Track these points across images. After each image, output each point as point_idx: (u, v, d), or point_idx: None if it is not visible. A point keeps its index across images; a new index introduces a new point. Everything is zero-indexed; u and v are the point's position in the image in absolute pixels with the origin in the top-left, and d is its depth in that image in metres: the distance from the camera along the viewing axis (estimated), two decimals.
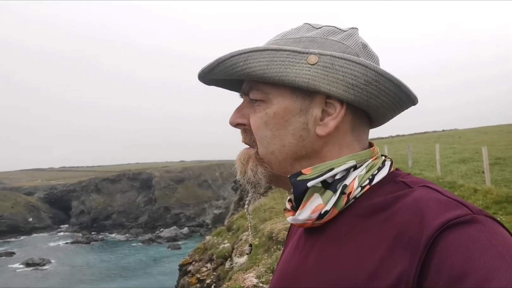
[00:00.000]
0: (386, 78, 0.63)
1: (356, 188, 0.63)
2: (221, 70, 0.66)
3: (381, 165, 0.67)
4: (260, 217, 9.87)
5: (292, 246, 0.78)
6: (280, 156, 0.67)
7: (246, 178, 0.70)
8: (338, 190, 0.63)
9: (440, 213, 0.53)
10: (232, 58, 0.64)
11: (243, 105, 0.72)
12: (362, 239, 0.59)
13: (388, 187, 0.64)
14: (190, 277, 9.89)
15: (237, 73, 0.65)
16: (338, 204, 0.63)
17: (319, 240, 0.66)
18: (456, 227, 0.50)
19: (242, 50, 0.65)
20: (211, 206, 53.47)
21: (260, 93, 0.67)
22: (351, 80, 0.62)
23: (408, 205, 0.57)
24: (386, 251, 0.55)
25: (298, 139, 0.66)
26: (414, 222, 0.54)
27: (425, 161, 14.38)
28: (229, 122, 0.72)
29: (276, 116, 0.66)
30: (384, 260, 0.54)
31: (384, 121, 0.73)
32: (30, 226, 54.44)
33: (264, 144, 0.68)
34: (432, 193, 0.58)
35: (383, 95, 0.64)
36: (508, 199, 6.62)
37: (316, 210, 0.64)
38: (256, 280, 4.76)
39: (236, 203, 23.69)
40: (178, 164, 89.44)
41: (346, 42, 0.67)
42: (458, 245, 0.49)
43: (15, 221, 53.15)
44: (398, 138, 46.01)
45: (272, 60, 0.63)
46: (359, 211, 0.63)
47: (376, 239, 0.57)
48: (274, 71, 0.63)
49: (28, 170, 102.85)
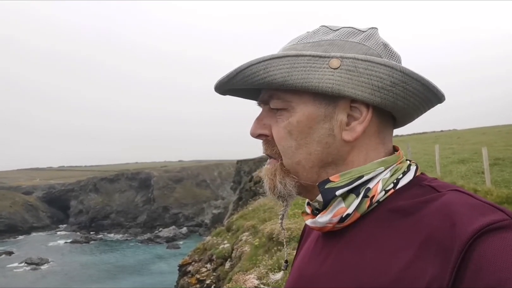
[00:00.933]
0: (413, 79, 0.60)
1: (379, 191, 0.61)
2: (240, 79, 0.63)
3: (406, 169, 0.65)
4: (260, 217, 9.85)
5: (308, 249, 0.76)
6: (306, 165, 0.64)
7: (277, 192, 0.67)
8: (361, 193, 0.61)
9: (474, 218, 0.50)
10: (251, 67, 0.62)
11: (263, 114, 0.69)
12: (386, 243, 0.57)
13: (414, 191, 0.61)
14: (189, 278, 9.88)
15: (257, 82, 0.62)
16: (360, 208, 0.61)
17: (338, 244, 0.64)
18: (493, 233, 0.48)
19: (261, 58, 0.62)
20: (210, 206, 53.45)
21: (282, 102, 0.64)
22: (376, 83, 0.60)
23: (437, 210, 0.54)
24: (413, 256, 0.52)
25: (324, 146, 0.63)
26: (444, 227, 0.51)
27: (424, 161, 14.36)
28: (250, 133, 0.69)
29: (300, 124, 0.63)
30: (411, 266, 0.52)
31: (409, 121, 0.70)
32: (29, 226, 54.33)
33: (289, 154, 0.65)
34: (464, 197, 0.55)
35: (410, 96, 0.62)
36: (509, 199, 6.62)
37: (337, 214, 0.62)
38: (257, 281, 4.75)
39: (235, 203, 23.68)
40: (177, 163, 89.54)
41: (367, 43, 0.64)
42: (496, 252, 0.46)
43: (13, 221, 53.03)
44: (397, 138, 45.97)
45: (293, 67, 0.60)
46: (383, 215, 0.61)
47: (402, 244, 0.55)
48: (296, 78, 0.60)
49: (26, 169, 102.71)
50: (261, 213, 10.39)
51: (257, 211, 11.02)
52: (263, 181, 0.70)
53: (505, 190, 7.36)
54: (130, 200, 57.90)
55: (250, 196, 18.92)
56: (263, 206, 11.21)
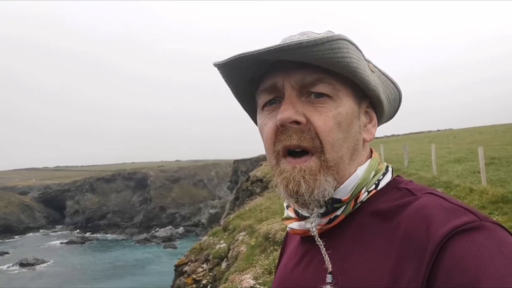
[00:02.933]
0: (400, 99, 0.75)
1: (363, 192, 0.64)
2: (322, 50, 0.56)
3: (385, 170, 0.69)
4: (257, 217, 9.83)
5: (291, 254, 0.75)
6: (346, 160, 0.63)
7: (316, 194, 0.60)
8: None
9: (447, 220, 0.52)
10: (340, 41, 0.57)
11: (294, 100, 0.61)
12: (368, 248, 0.58)
13: (392, 193, 0.64)
14: (186, 278, 9.83)
15: (337, 59, 0.57)
16: (346, 209, 0.64)
17: (320, 249, 0.65)
18: (464, 234, 0.50)
19: (343, 36, 0.58)
20: (207, 206, 53.37)
21: (332, 89, 0.61)
22: (389, 95, 0.72)
23: (414, 213, 0.56)
24: (394, 260, 0.54)
25: (355, 142, 0.65)
26: (420, 230, 0.53)
27: (420, 160, 14.39)
28: (283, 118, 0.60)
29: (348, 117, 0.62)
30: (393, 269, 0.53)
31: None
32: (24, 226, 54.00)
33: (337, 147, 0.61)
34: (438, 200, 0.57)
35: (392, 111, 0.76)
36: (504, 199, 6.63)
37: (327, 216, 0.64)
38: (253, 281, 4.73)
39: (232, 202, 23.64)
40: (174, 163, 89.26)
41: (367, 59, 0.71)
42: (467, 252, 0.48)
43: (8, 221, 52.69)
44: (393, 138, 46.16)
45: (359, 57, 0.62)
46: (365, 218, 0.62)
47: (383, 248, 0.56)
48: (363, 69, 0.62)
49: (22, 169, 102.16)
50: (257, 213, 10.37)
51: (253, 211, 11.00)
52: (285, 183, 0.61)
53: (500, 189, 7.37)
54: (126, 200, 57.68)
55: (247, 195, 18.87)
56: (260, 206, 11.19)
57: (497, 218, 5.83)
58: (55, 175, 78.67)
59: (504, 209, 6.26)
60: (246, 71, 0.65)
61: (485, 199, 6.83)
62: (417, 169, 12.08)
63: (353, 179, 0.64)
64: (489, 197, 6.83)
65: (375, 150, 0.74)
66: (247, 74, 0.66)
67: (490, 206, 6.48)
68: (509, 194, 6.83)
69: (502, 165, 10.83)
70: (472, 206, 0.58)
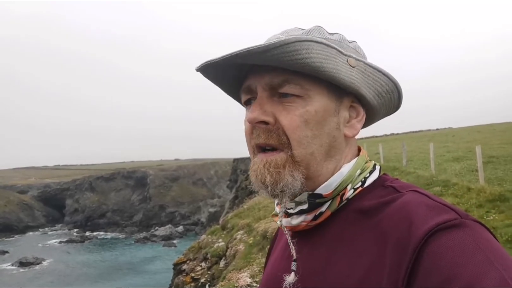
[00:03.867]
0: (397, 90, 0.69)
1: (349, 189, 0.65)
2: (277, 54, 0.58)
3: (372, 168, 0.69)
4: (255, 216, 9.85)
5: (280, 251, 0.77)
6: (318, 157, 0.64)
7: (280, 187, 0.63)
8: None
9: (429, 217, 0.53)
10: (297, 44, 0.58)
11: (264, 100, 0.65)
12: (351, 244, 0.60)
13: (378, 191, 0.65)
14: (184, 276, 9.85)
15: (295, 61, 0.59)
16: (331, 206, 0.65)
17: (307, 245, 0.66)
18: (445, 231, 0.51)
19: (303, 37, 0.59)
20: (206, 205, 53.41)
21: (300, 88, 0.63)
22: (379, 88, 0.67)
23: (397, 210, 0.57)
24: (375, 255, 0.55)
25: (332, 139, 0.65)
26: (403, 227, 0.54)
27: (419, 159, 14.40)
28: (250, 118, 0.64)
29: (318, 114, 0.63)
30: (374, 265, 0.55)
31: (370, 124, 0.76)
32: (24, 225, 54.02)
33: (304, 144, 0.63)
34: (421, 197, 0.58)
35: (389, 104, 0.71)
36: (501, 197, 6.64)
37: (312, 213, 0.65)
38: (250, 279, 4.75)
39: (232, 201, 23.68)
40: (173, 162, 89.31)
41: (359, 51, 0.70)
42: (446, 249, 0.49)
43: (8, 220, 52.71)
44: (392, 136, 46.20)
45: (327, 55, 0.61)
46: (350, 215, 0.63)
47: (366, 244, 0.58)
48: (331, 67, 0.61)
49: (21, 168, 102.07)
50: (256, 212, 10.39)
51: (252, 210, 11.02)
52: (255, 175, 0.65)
53: (498, 187, 7.39)
54: (126, 199, 57.71)
55: (246, 194, 18.90)
56: (258, 205, 11.21)
57: (494, 216, 5.84)
58: (55, 174, 78.65)
59: (501, 207, 6.26)
60: (226, 73, 0.68)
61: (482, 197, 6.84)
62: (416, 168, 12.08)
63: (338, 176, 0.65)
64: (487, 195, 6.84)
65: (374, 148, 0.74)
66: (229, 75, 0.69)
67: (488, 205, 6.49)
68: (507, 193, 6.85)
69: (500, 164, 10.84)
70: (454, 205, 0.58)
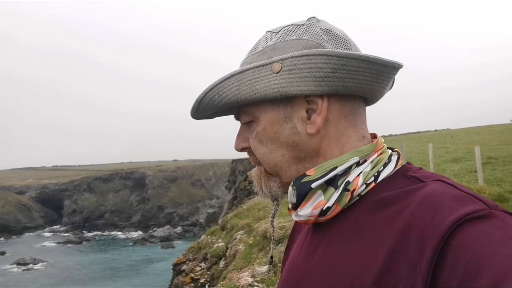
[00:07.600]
0: (350, 59, 0.61)
1: (360, 185, 0.62)
2: (204, 107, 0.68)
3: (387, 160, 0.65)
4: (254, 216, 9.86)
5: (299, 242, 0.78)
6: (284, 166, 0.68)
7: (265, 194, 0.73)
8: (340, 186, 0.62)
9: (455, 208, 0.51)
10: (207, 95, 0.67)
11: (242, 129, 0.74)
12: (369, 235, 0.58)
13: (399, 182, 0.62)
14: (184, 277, 9.85)
15: (216, 106, 0.67)
16: (341, 201, 0.63)
17: (325, 237, 0.65)
18: (472, 222, 0.48)
19: (212, 84, 0.66)
20: (205, 205, 53.33)
21: (247, 115, 0.69)
22: (318, 73, 0.61)
23: (419, 200, 0.55)
24: (394, 246, 0.53)
25: (293, 144, 0.66)
26: (425, 217, 0.52)
27: (417, 160, 14.43)
28: (234, 148, 0.75)
29: (266, 131, 0.67)
30: (393, 255, 0.53)
31: (379, 96, 0.70)
32: (22, 226, 53.91)
33: (265, 160, 0.70)
34: (446, 187, 0.56)
35: (356, 75, 0.62)
36: (500, 198, 6.69)
37: (317, 207, 0.63)
38: (251, 279, 4.76)
39: (230, 202, 23.66)
40: (171, 163, 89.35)
41: (305, 36, 0.66)
42: (474, 241, 0.47)
43: (6, 221, 52.59)
44: (391, 137, 46.25)
45: (241, 83, 0.64)
46: (367, 206, 0.61)
47: (385, 234, 0.56)
48: (246, 93, 0.64)
49: (19, 169, 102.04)
50: (255, 212, 10.40)
51: (251, 210, 11.02)
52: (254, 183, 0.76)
53: (497, 188, 7.43)
54: (124, 199, 57.66)
55: (245, 195, 18.89)
56: (258, 205, 11.20)
57: None
58: (53, 175, 78.47)
59: None
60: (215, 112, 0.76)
61: None
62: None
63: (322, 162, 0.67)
64: (486, 196, 6.80)
65: None
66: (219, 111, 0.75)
67: None
68: (506, 193, 6.89)
69: (499, 165, 10.89)
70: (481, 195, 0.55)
